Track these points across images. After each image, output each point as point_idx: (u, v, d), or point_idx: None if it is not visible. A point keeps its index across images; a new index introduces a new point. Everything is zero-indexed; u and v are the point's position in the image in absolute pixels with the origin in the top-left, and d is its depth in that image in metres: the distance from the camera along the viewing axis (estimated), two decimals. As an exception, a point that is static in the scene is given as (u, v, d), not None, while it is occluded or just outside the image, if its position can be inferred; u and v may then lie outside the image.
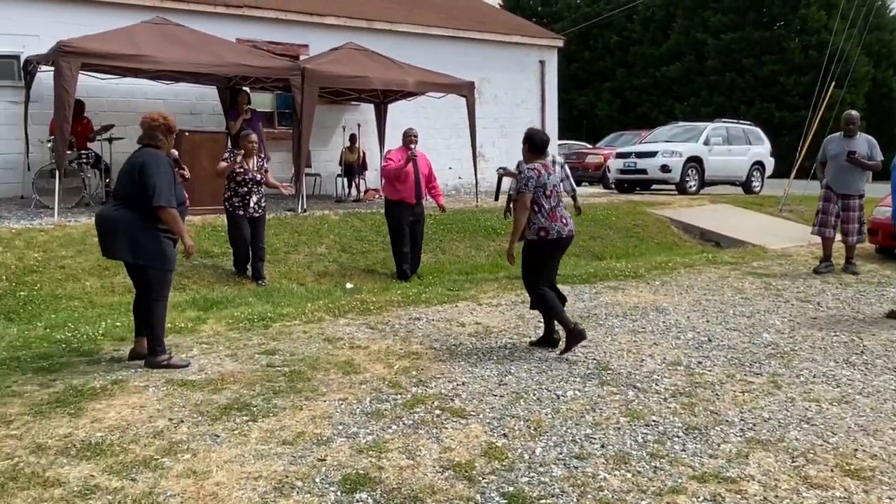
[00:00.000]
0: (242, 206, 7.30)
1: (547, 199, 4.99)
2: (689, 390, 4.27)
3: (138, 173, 4.41)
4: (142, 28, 9.28)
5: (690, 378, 4.50)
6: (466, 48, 15.10)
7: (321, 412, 3.78)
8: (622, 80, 36.74)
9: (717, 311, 6.34)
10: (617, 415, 3.87)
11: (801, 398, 4.16)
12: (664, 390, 4.27)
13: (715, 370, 4.68)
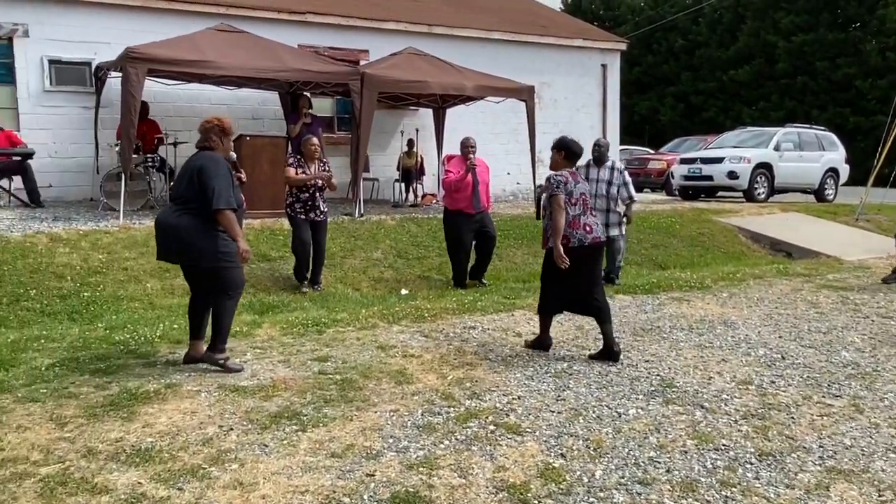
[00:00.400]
0: (304, 211, 7.21)
1: (572, 207, 4.99)
2: (761, 412, 4.00)
3: (197, 176, 4.42)
4: (206, 34, 9.45)
5: (763, 399, 4.22)
6: (526, 52, 14.90)
7: (371, 424, 3.67)
8: (687, 84, 35.82)
9: (790, 327, 5.98)
10: (683, 437, 3.63)
11: (886, 424, 3.84)
12: (734, 411, 4.01)
13: (790, 391, 4.38)
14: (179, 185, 4.57)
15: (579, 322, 6.06)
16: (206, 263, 4.46)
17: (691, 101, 35.48)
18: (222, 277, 4.51)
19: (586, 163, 7.77)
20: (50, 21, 10.58)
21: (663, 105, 36.52)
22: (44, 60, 10.60)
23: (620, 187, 7.58)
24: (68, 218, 8.64)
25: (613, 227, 7.57)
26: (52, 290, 6.33)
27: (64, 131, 10.81)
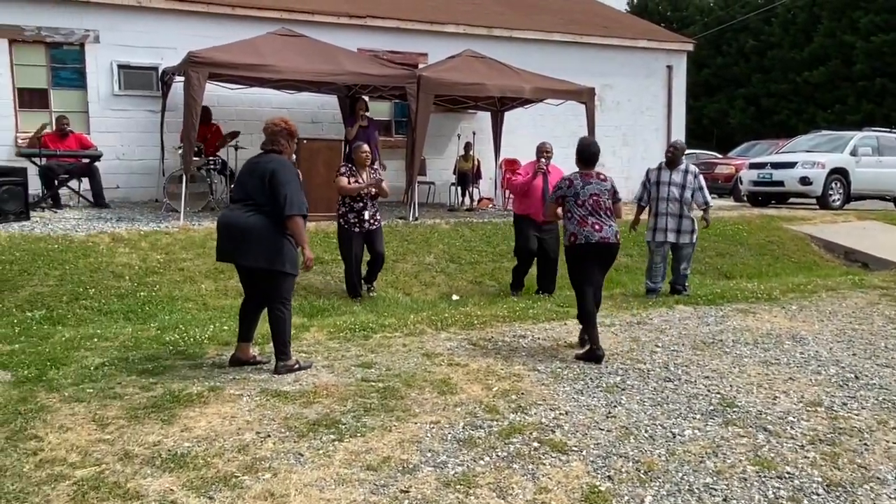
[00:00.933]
0: (358, 221, 6.88)
1: (579, 208, 5.23)
2: (831, 437, 3.69)
3: (269, 180, 4.39)
4: (265, 39, 9.57)
5: (833, 422, 3.90)
6: (588, 53, 14.60)
7: (410, 435, 3.55)
8: (758, 86, 34.53)
9: (865, 344, 5.58)
10: (744, 462, 3.38)
11: (975, 457, 3.48)
12: (801, 435, 3.71)
13: (863, 414, 4.04)
14: (245, 186, 4.52)
15: (635, 334, 5.81)
16: (270, 266, 4.41)
17: (762, 104, 34.19)
18: (280, 283, 4.48)
19: (658, 165, 7.50)
20: (119, 27, 10.93)
21: (733, 108, 35.31)
22: (113, 65, 10.96)
23: (696, 192, 7.27)
24: (132, 219, 8.87)
25: (685, 234, 7.27)
26: (111, 289, 6.47)
27: (131, 134, 11.15)
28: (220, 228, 4.49)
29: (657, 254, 7.39)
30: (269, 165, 4.48)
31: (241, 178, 4.65)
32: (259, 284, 4.55)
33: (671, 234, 7.29)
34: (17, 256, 6.70)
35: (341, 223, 7.00)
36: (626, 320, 6.31)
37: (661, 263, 7.42)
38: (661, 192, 7.29)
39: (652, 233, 7.39)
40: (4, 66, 10.37)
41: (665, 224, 7.28)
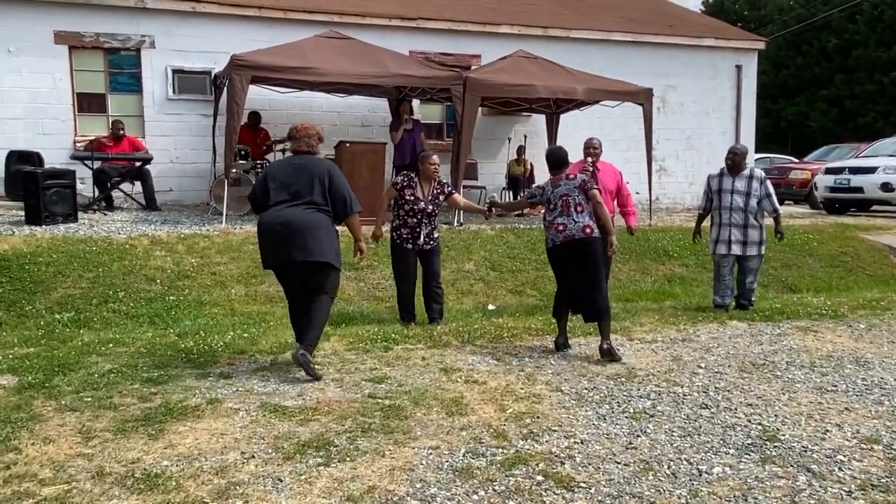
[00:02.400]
0: (412, 238, 6.03)
1: (551, 212, 5.36)
2: (886, 482, 3.20)
3: (328, 180, 4.59)
4: (311, 41, 9.51)
5: (890, 464, 3.40)
6: (650, 53, 14.00)
7: (403, 462, 3.27)
8: (841, 87, 32.67)
9: (939, 369, 4.96)
10: (777, 509, 2.95)
11: None
12: (850, 479, 3.24)
13: (929, 455, 3.52)
14: (291, 187, 4.54)
15: (678, 352, 5.36)
16: (332, 261, 4.59)
17: (846, 106, 32.32)
18: (333, 278, 4.66)
19: (719, 172, 6.96)
20: (174, 32, 11.11)
21: (813, 110, 33.52)
22: (168, 70, 11.14)
23: (763, 199, 6.72)
24: (177, 221, 8.94)
25: (752, 245, 6.69)
26: (141, 292, 6.46)
27: (184, 138, 11.31)
28: (278, 228, 4.45)
29: (723, 266, 6.84)
30: (322, 166, 4.66)
31: (282, 178, 4.60)
32: (311, 281, 4.57)
33: (736, 246, 6.74)
34: (55, 258, 6.79)
35: (394, 237, 6.14)
36: (671, 337, 5.85)
37: (728, 277, 6.87)
38: (724, 201, 6.76)
39: (714, 244, 6.85)
40: (64, 72, 10.68)
41: (728, 235, 6.74)
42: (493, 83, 9.66)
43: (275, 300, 6.65)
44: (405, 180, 6.06)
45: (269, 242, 4.51)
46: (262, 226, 4.54)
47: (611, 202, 6.61)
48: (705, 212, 7.00)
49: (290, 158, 4.85)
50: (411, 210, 5.99)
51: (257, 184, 4.75)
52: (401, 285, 6.14)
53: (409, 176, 6.11)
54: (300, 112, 11.83)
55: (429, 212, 6.04)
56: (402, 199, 6.00)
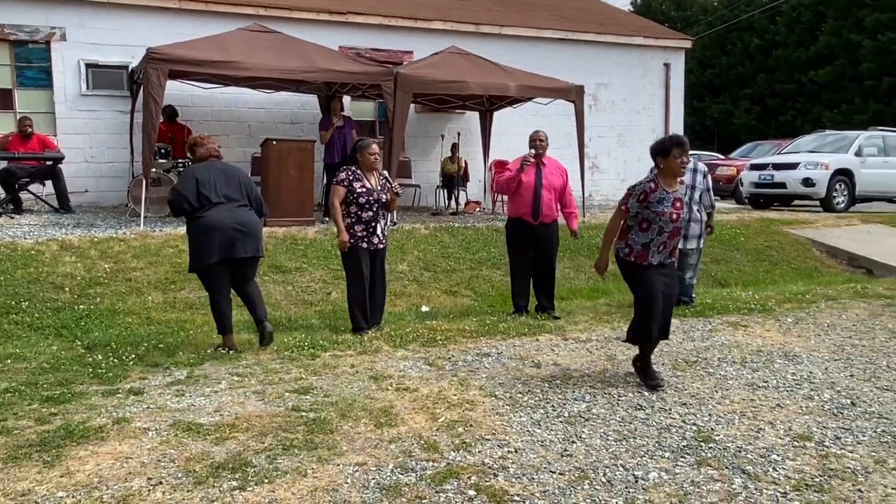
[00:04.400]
0: (367, 235, 5.59)
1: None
2: (820, 481, 3.17)
3: (246, 182, 5.21)
4: (234, 35, 9.12)
5: (823, 462, 3.38)
6: (582, 51, 14.10)
7: (327, 482, 3.05)
8: (763, 86, 33.90)
9: (864, 362, 5.05)
10: (713, 515, 2.87)
11: None
12: (785, 479, 3.20)
13: (858, 450, 3.52)
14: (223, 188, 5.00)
15: (612, 351, 5.30)
16: (262, 253, 5.22)
17: (768, 104, 33.56)
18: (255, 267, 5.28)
19: None
20: (87, 24, 10.51)
21: (737, 108, 34.69)
22: (81, 64, 10.53)
23: (703, 193, 6.72)
24: (91, 224, 8.42)
25: (691, 238, 6.63)
26: (47, 302, 6.01)
27: (100, 136, 10.72)
28: (234, 227, 4.93)
29: None
30: (239, 170, 5.30)
31: (213, 180, 5.00)
32: (249, 272, 5.16)
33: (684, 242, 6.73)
34: (-49, 266, 6.25)
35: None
36: (605, 335, 5.81)
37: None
38: None
39: None
40: (-35, 66, 9.96)
41: None
42: (425, 79, 9.47)
43: (195, 307, 6.29)
44: (351, 175, 5.59)
45: (219, 241, 4.86)
46: (212, 225, 4.86)
47: (555, 202, 6.45)
48: None
49: (210, 163, 5.15)
50: (367, 203, 5.57)
51: (185, 188, 4.92)
52: (356, 289, 5.62)
53: (350, 170, 5.64)
54: (224, 108, 11.40)
55: (383, 202, 5.69)
56: (355, 195, 5.55)
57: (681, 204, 4.44)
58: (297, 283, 7.14)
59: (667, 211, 4.35)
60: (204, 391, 4.18)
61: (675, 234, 4.45)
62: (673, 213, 4.38)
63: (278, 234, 8.31)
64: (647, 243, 4.40)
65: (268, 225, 8.57)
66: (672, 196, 4.39)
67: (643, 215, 4.39)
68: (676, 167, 4.39)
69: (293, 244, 8.01)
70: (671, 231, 4.40)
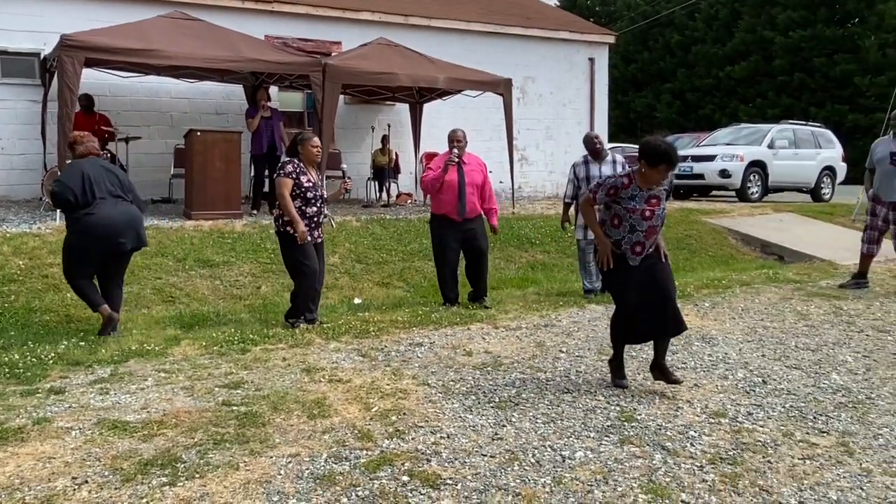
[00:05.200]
0: (310, 230, 5.54)
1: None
2: (733, 454, 3.37)
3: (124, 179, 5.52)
4: (154, 22, 8.84)
5: (736, 436, 3.59)
6: (510, 45, 14.29)
7: (260, 474, 3.04)
8: (683, 80, 35.21)
9: (775, 343, 5.36)
10: (636, 489, 3.01)
11: (879, 470, 3.22)
12: (701, 453, 3.38)
13: (769, 425, 3.75)
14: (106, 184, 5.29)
15: (541, 338, 5.45)
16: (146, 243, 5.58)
17: (688, 99, 34.88)
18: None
19: (584, 159, 7.08)
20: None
21: (660, 102, 35.92)
22: (-11, 51, 9.98)
23: None
24: (2, 219, 8.03)
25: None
26: (-44, 301, 5.72)
27: (11, 126, 10.23)
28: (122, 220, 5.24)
29: (588, 252, 6.98)
30: (115, 168, 5.68)
31: (98, 177, 5.28)
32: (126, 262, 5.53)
33: None
34: None
35: (287, 231, 5.48)
36: (534, 323, 5.95)
37: (593, 262, 7.05)
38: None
39: (583, 230, 6.96)
40: None
41: None
42: (354, 70, 9.43)
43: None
44: (297, 167, 5.51)
45: (105, 233, 5.15)
46: (99, 218, 5.14)
47: (479, 197, 6.53)
48: (571, 200, 7.09)
49: (92, 160, 5.44)
50: (313, 197, 5.53)
51: (71, 181, 5.18)
52: (307, 281, 5.52)
53: (294, 163, 5.55)
54: (145, 98, 11.04)
55: (325, 197, 5.72)
56: (302, 189, 5.46)
57: (657, 201, 4.13)
58: (224, 278, 7.01)
59: (638, 208, 4.08)
60: (129, 389, 4.08)
61: (651, 233, 4.13)
62: (646, 211, 4.08)
63: (204, 227, 8.14)
64: (618, 241, 4.16)
65: (193, 218, 8.40)
66: (646, 194, 4.11)
67: (615, 210, 4.17)
68: (656, 179, 4.11)
69: (220, 238, 7.86)
70: (645, 230, 4.10)
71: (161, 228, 7.98)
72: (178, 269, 7.01)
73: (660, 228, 4.22)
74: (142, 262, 7.05)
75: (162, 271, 6.95)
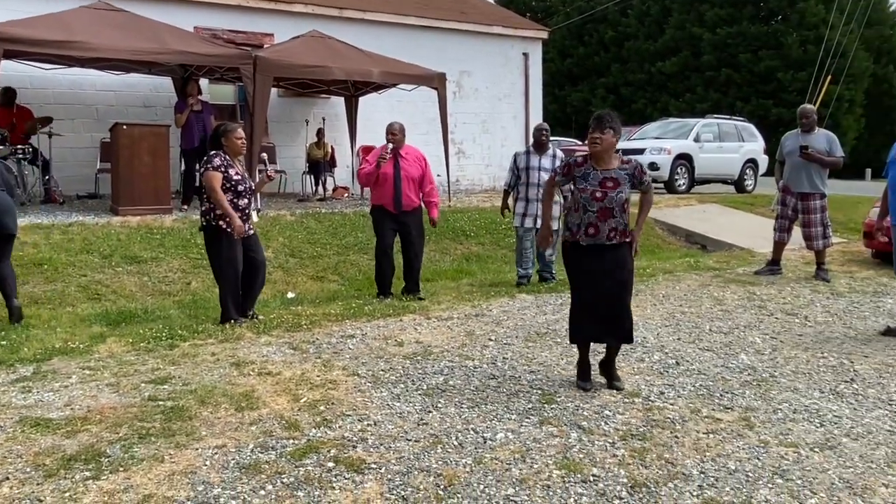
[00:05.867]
0: (241, 222, 5.42)
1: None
2: (643, 431, 3.58)
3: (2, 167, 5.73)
4: (77, 13, 8.59)
5: (648, 414, 3.81)
6: (446, 39, 14.40)
7: (185, 465, 3.08)
8: (617, 75, 36.05)
9: (691, 327, 5.65)
10: (551, 466, 3.18)
11: (776, 442, 3.48)
12: (614, 431, 3.58)
13: (679, 403, 3.99)
14: None
15: (471, 327, 5.60)
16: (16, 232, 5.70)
17: (622, 93, 35.73)
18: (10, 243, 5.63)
19: (525, 150, 7.30)
20: None
21: (595, 96, 36.65)
22: None
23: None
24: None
25: (553, 220, 7.08)
26: None
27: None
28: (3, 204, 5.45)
29: (525, 239, 7.20)
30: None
31: None
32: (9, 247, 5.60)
33: (540, 220, 7.11)
34: None
35: (217, 225, 5.34)
36: (466, 312, 6.10)
37: (530, 249, 7.25)
38: (531, 178, 7.10)
39: (521, 218, 7.18)
40: None
41: (535, 210, 7.09)
42: (287, 63, 9.37)
43: (41, 301, 5.98)
44: (224, 161, 5.38)
45: None
46: None
47: (416, 190, 6.62)
48: (510, 188, 7.31)
49: None
50: (243, 191, 5.44)
51: None
52: (232, 279, 5.44)
53: (220, 155, 5.40)
54: (69, 90, 10.71)
55: (253, 189, 5.66)
56: (232, 182, 5.35)
57: (613, 184, 4.07)
58: (153, 274, 6.92)
59: (589, 188, 4.07)
60: (53, 386, 4.03)
61: (604, 215, 4.08)
62: (597, 192, 4.06)
63: (132, 223, 7.99)
64: (578, 224, 4.15)
65: (120, 214, 8.24)
66: (601, 175, 4.09)
67: (573, 193, 4.18)
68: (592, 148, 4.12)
69: (148, 233, 7.73)
70: (597, 212, 4.06)
71: (87, 225, 7.80)
72: (104, 266, 6.88)
73: (619, 213, 4.12)
74: (66, 259, 6.90)
75: (87, 268, 6.81)
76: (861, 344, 5.22)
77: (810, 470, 3.18)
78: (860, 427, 3.67)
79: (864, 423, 3.71)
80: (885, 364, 4.72)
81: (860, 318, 5.98)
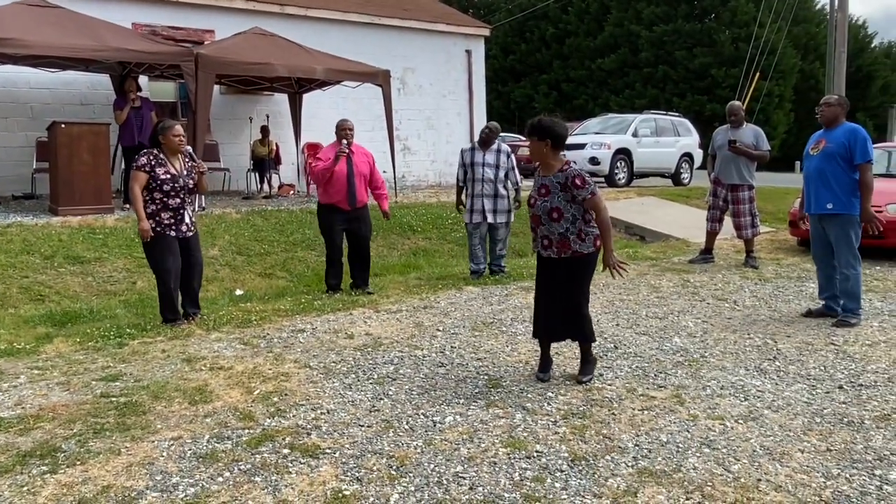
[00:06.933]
0: (175, 223, 5.35)
1: None
2: (583, 409, 3.81)
3: None
4: (10, 9, 8.38)
5: (587, 394, 4.04)
6: (389, 36, 14.49)
7: (142, 457, 3.15)
8: (558, 72, 36.66)
9: (629, 313, 5.94)
10: (497, 445, 3.36)
11: (704, 415, 3.74)
12: (556, 411, 3.79)
13: (616, 383, 4.23)
14: None
15: (420, 318, 5.75)
16: None
17: (563, 89, 36.36)
18: None
19: (471, 146, 7.46)
20: None
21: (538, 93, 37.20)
22: None
23: (509, 172, 7.33)
24: None
25: (501, 213, 7.30)
26: None
27: None
28: None
29: (475, 235, 7.36)
30: None
31: None
32: None
33: (488, 215, 7.29)
34: None
35: (152, 226, 5.30)
36: (414, 305, 6.25)
37: (479, 244, 7.41)
38: (476, 173, 7.27)
39: (469, 214, 7.36)
40: None
41: (482, 205, 7.27)
42: (228, 60, 9.33)
43: (-17, 303, 5.87)
44: (153, 159, 5.28)
45: None
46: None
47: (366, 187, 6.73)
48: (463, 183, 7.47)
49: None
50: (172, 189, 5.31)
51: None
52: (168, 280, 5.33)
53: (152, 154, 5.32)
54: (2, 88, 10.43)
55: (190, 187, 5.49)
56: (158, 181, 5.26)
57: (545, 192, 4.11)
58: (97, 274, 6.85)
59: (532, 193, 4.22)
60: (1, 387, 4.01)
61: (534, 221, 4.18)
62: (532, 198, 4.16)
63: (73, 223, 7.87)
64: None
65: (60, 214, 8.09)
66: (540, 181, 4.15)
67: None
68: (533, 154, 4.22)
69: (91, 233, 7.63)
70: (531, 217, 4.19)
71: (25, 225, 7.65)
72: (46, 267, 6.77)
73: (548, 221, 4.12)
74: (6, 260, 6.77)
75: (29, 269, 6.69)
76: (784, 325, 5.58)
77: (734, 439, 3.44)
78: (780, 400, 3.97)
79: (784, 397, 4.02)
80: (805, 343, 5.08)
81: (784, 302, 6.37)
